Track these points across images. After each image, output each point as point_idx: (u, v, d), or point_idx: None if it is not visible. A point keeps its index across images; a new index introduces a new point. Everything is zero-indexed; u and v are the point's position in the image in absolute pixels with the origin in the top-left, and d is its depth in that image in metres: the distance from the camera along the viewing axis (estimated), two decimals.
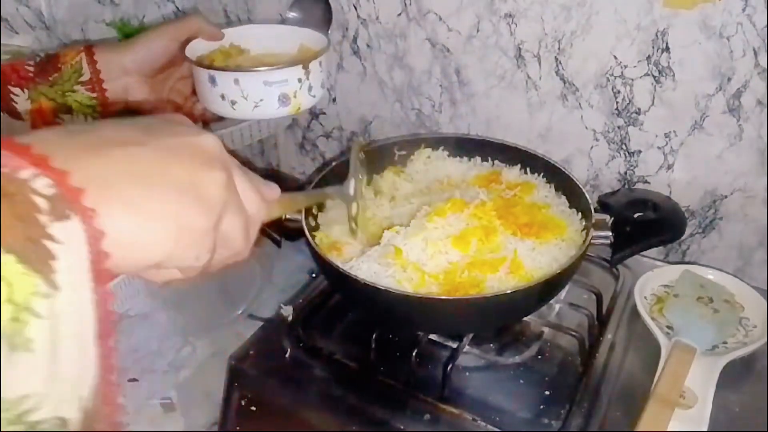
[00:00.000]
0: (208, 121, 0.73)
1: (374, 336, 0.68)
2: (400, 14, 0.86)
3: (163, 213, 0.30)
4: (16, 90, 0.58)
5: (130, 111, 0.66)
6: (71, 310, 0.25)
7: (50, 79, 0.59)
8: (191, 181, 0.31)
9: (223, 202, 0.33)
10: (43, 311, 0.24)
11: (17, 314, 0.23)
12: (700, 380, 0.63)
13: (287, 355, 0.70)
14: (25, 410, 0.24)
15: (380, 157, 0.83)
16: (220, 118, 0.72)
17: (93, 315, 0.26)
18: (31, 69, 0.59)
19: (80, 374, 0.26)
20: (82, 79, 0.60)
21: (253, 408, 0.67)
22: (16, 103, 0.58)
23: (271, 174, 1.12)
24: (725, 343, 0.69)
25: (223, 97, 0.62)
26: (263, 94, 0.62)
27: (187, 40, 0.66)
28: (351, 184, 0.64)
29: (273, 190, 0.41)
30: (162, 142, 0.31)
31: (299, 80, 0.63)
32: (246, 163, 0.39)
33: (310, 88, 0.65)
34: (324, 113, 1.03)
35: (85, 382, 0.27)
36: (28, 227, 0.24)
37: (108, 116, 0.62)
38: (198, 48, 0.66)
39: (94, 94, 0.61)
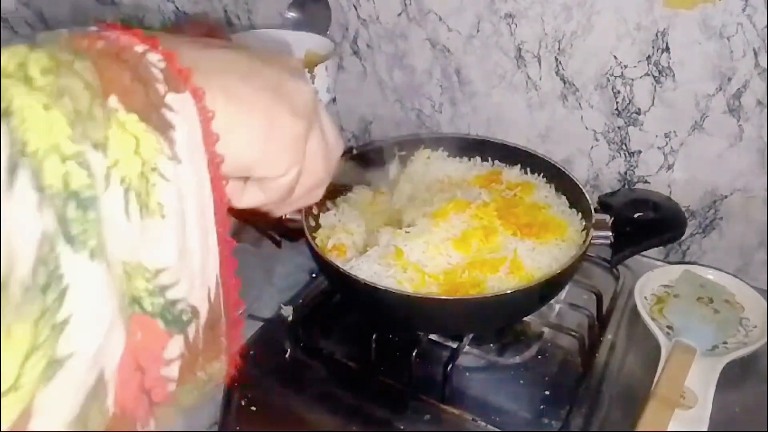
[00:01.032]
0: None
1: (374, 336, 0.68)
2: (400, 14, 0.86)
3: (257, 105, 0.29)
4: None
5: None
6: (193, 184, 0.25)
7: None
8: (284, 86, 0.31)
9: (311, 114, 0.32)
10: (170, 175, 0.23)
11: (146, 172, 0.23)
12: (700, 380, 0.63)
13: (287, 355, 0.70)
14: (164, 285, 0.24)
15: (380, 157, 0.83)
16: None
17: (210, 197, 0.26)
18: None
19: (205, 260, 0.26)
20: None
21: (253, 408, 0.67)
22: None
23: None
24: (725, 343, 0.69)
25: None
26: None
27: None
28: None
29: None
30: (259, 57, 0.32)
31: None
32: None
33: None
34: None
35: (210, 272, 0.27)
36: (149, 92, 0.24)
37: None
38: None
39: None
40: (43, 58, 0.22)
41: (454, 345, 0.68)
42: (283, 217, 0.71)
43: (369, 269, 0.64)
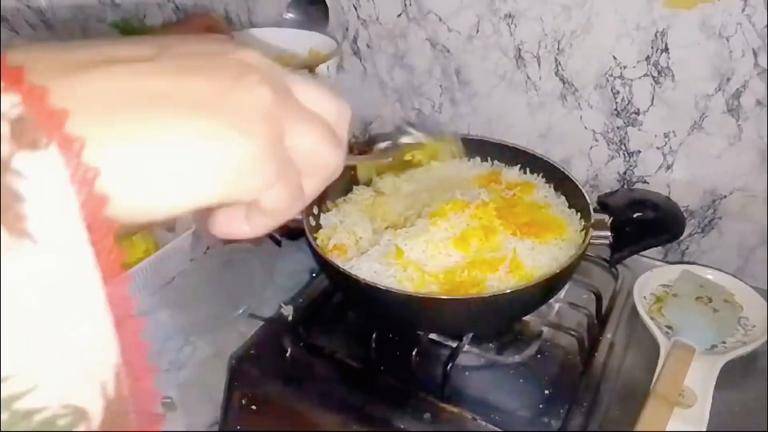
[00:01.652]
0: None
1: (374, 335, 0.68)
2: (400, 15, 0.86)
3: (190, 138, 0.22)
4: None
5: None
6: (60, 267, 0.20)
7: None
8: (221, 97, 0.24)
9: (273, 118, 0.25)
10: (7, 269, 0.18)
11: None
12: (700, 380, 0.63)
13: (288, 355, 0.70)
14: (8, 395, 0.19)
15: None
16: None
17: (96, 275, 0.21)
18: None
19: (92, 352, 0.21)
20: None
21: (254, 407, 0.67)
22: None
23: None
24: (724, 342, 0.69)
25: None
26: None
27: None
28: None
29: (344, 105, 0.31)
30: (179, 54, 0.24)
31: None
32: None
33: None
34: None
35: (101, 362, 0.22)
36: None
37: None
38: None
39: None
40: None
41: (454, 344, 0.68)
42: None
43: (369, 269, 0.64)
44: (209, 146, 0.23)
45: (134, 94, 0.22)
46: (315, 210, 0.75)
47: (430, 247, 0.65)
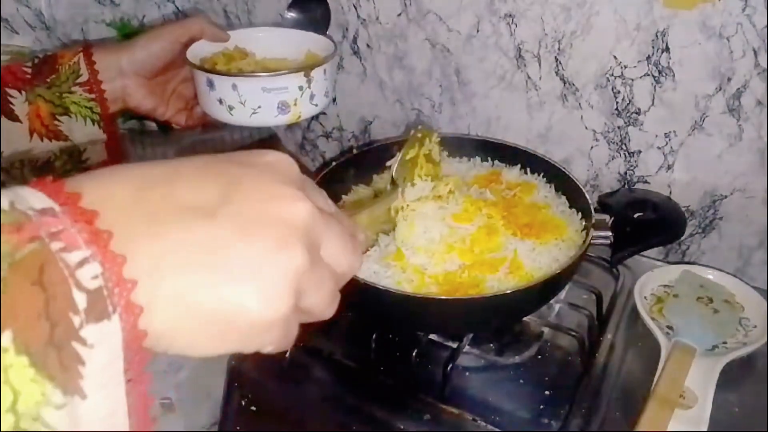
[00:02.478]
0: (207, 125, 0.72)
1: (374, 336, 0.68)
2: (400, 14, 0.86)
3: (212, 307, 0.24)
4: (14, 92, 0.57)
5: (129, 111, 0.66)
6: (100, 416, 0.21)
7: (48, 80, 0.58)
8: (257, 264, 0.25)
9: (296, 284, 0.27)
10: (58, 423, 0.20)
11: (24, 424, 0.19)
12: (700, 380, 0.63)
13: (287, 355, 0.70)
14: None
15: (380, 157, 0.83)
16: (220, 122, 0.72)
17: (125, 420, 0.23)
18: (29, 71, 0.59)
19: None
20: (80, 80, 0.59)
21: (253, 408, 0.67)
22: (14, 105, 0.57)
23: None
24: (725, 343, 0.69)
25: (220, 101, 0.62)
26: (261, 101, 0.61)
27: (191, 41, 0.65)
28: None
29: (361, 234, 0.35)
30: (238, 209, 0.26)
31: (300, 88, 0.61)
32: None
33: (311, 97, 0.63)
34: (324, 113, 1.03)
35: None
36: (56, 329, 0.20)
37: (108, 117, 0.61)
38: (201, 50, 0.66)
39: (93, 95, 0.60)
40: None
41: (454, 345, 0.68)
42: None
43: (368, 269, 0.64)
44: (235, 310, 0.25)
45: (185, 261, 0.24)
46: None
47: (431, 249, 0.65)
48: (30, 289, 0.20)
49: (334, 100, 1.00)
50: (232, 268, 0.25)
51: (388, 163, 0.67)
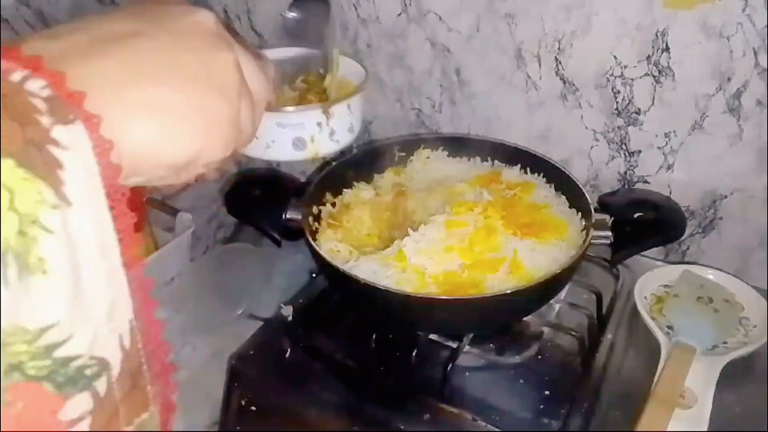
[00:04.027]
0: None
1: (374, 336, 0.68)
2: (400, 14, 0.86)
3: (186, 108, 0.27)
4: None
5: None
6: (88, 228, 0.22)
7: None
8: (205, 67, 0.29)
9: (239, 83, 0.30)
10: (54, 225, 0.21)
11: (24, 227, 0.20)
12: (700, 380, 0.63)
13: (287, 355, 0.70)
14: (51, 343, 0.21)
15: (380, 157, 0.83)
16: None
17: (114, 236, 0.23)
18: None
19: (113, 307, 0.23)
20: None
21: (253, 408, 0.67)
22: None
23: (272, 174, 1.12)
24: (725, 343, 0.69)
25: None
26: (275, 136, 0.56)
27: None
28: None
29: (268, 64, 0.37)
30: (162, 27, 0.28)
31: (318, 124, 0.56)
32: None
33: (332, 133, 0.57)
34: None
35: (120, 317, 0.24)
36: (27, 129, 0.21)
37: None
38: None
39: None
40: None
41: (454, 345, 0.68)
42: (283, 217, 0.71)
43: (368, 269, 0.64)
44: (198, 108, 0.28)
45: (137, 71, 0.26)
46: (315, 210, 0.75)
47: (432, 250, 0.65)
48: None
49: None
50: (184, 72, 0.28)
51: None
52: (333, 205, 0.77)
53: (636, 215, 0.72)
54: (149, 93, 0.26)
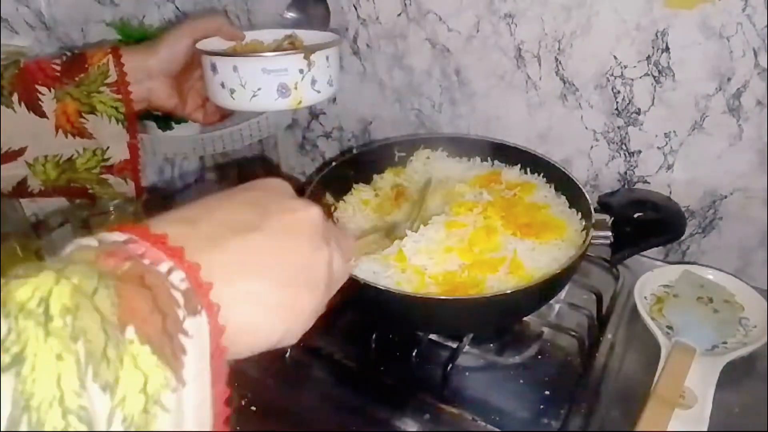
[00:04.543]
0: (222, 119, 0.72)
1: (374, 336, 0.68)
2: (400, 14, 0.86)
3: (279, 302, 0.31)
4: (43, 89, 0.58)
5: (149, 110, 0.66)
6: (193, 405, 0.25)
7: (76, 79, 0.59)
8: (304, 265, 0.33)
9: (328, 279, 0.35)
10: (171, 405, 0.24)
11: (148, 406, 0.23)
12: (700, 380, 0.63)
13: (287, 355, 0.70)
14: None
15: (380, 157, 0.83)
16: (229, 116, 0.71)
17: (210, 411, 0.27)
18: (58, 68, 0.59)
19: None
20: (108, 80, 0.60)
21: (253, 408, 0.67)
22: (42, 102, 0.58)
23: (272, 174, 1.12)
24: (725, 343, 0.69)
25: (222, 85, 0.61)
26: (261, 83, 0.60)
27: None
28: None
29: (349, 241, 0.43)
30: (274, 224, 0.32)
31: (300, 71, 0.60)
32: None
33: (313, 82, 0.62)
34: (324, 113, 1.04)
35: None
36: (167, 320, 0.24)
37: (132, 117, 0.62)
38: (214, 46, 0.65)
39: (119, 96, 0.60)
40: (65, 295, 0.22)
41: (454, 345, 0.68)
42: None
43: (368, 269, 0.64)
44: (292, 303, 0.32)
45: (249, 265, 0.30)
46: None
47: (435, 255, 0.65)
48: (139, 290, 0.24)
49: (334, 99, 1.00)
50: (285, 269, 0.32)
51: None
52: (334, 204, 0.78)
53: (636, 215, 0.71)
54: (256, 286, 0.30)
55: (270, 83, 0.60)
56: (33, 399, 0.20)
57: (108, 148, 0.62)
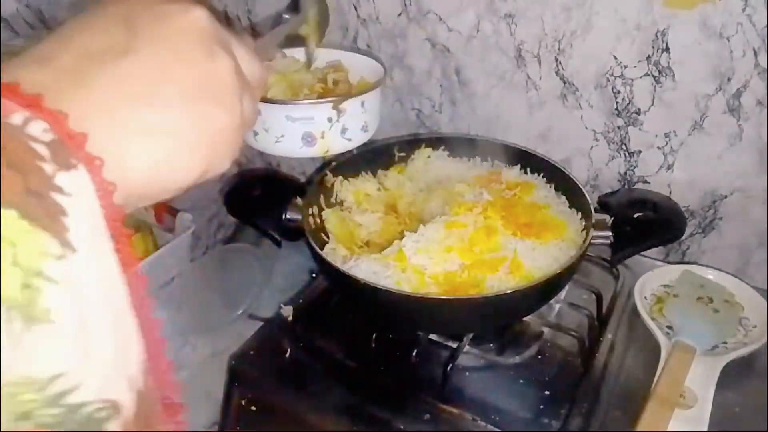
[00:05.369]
0: None
1: (374, 336, 0.68)
2: (400, 14, 0.86)
3: (187, 128, 0.26)
4: None
5: None
6: (94, 274, 0.22)
7: None
8: (202, 80, 0.27)
9: (239, 88, 0.29)
10: (58, 275, 0.20)
11: (28, 280, 0.20)
12: (700, 380, 0.63)
13: (287, 355, 0.70)
14: (61, 391, 0.21)
15: (380, 157, 0.83)
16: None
17: (120, 279, 0.23)
18: None
19: (122, 350, 0.23)
20: None
21: (253, 408, 0.67)
22: None
23: (272, 174, 1.12)
24: (725, 343, 0.69)
25: None
26: (285, 130, 0.56)
27: None
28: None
29: (248, 41, 0.36)
30: (151, 37, 0.27)
31: (329, 119, 0.56)
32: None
33: (343, 131, 0.57)
34: None
35: (130, 358, 0.23)
36: (29, 177, 0.20)
37: None
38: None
39: None
40: None
41: (454, 345, 0.68)
42: (284, 216, 0.71)
43: (368, 269, 0.64)
44: (201, 125, 0.27)
45: (129, 95, 0.25)
46: (315, 209, 0.75)
47: (432, 250, 0.65)
48: None
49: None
50: (182, 87, 0.26)
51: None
52: (333, 203, 0.78)
53: (636, 215, 0.71)
54: (145, 116, 0.25)
55: (294, 131, 0.56)
56: None
57: None
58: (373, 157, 0.83)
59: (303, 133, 0.56)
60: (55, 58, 0.25)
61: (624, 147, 0.81)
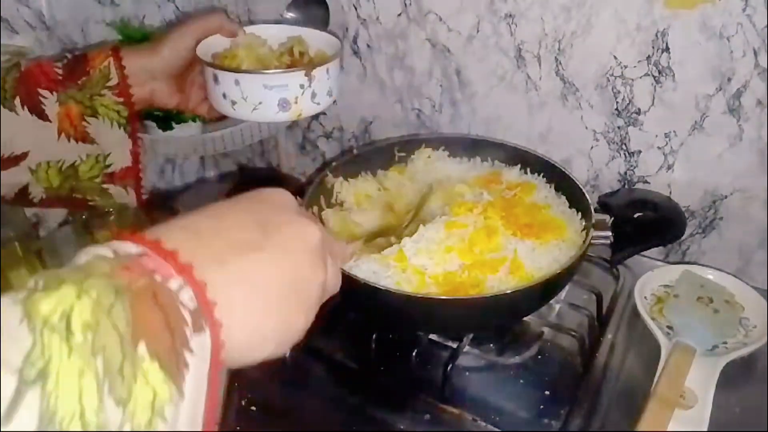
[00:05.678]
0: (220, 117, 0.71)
1: (374, 336, 0.68)
2: (400, 15, 0.86)
3: (275, 323, 0.33)
4: (45, 92, 0.57)
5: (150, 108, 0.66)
6: (188, 416, 0.26)
7: (79, 82, 0.58)
8: (300, 286, 0.34)
9: (319, 299, 0.36)
10: (170, 415, 0.25)
11: (153, 418, 0.24)
12: (700, 380, 0.63)
13: (287, 356, 0.70)
14: None
15: (380, 157, 0.83)
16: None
17: (201, 420, 0.27)
18: (60, 71, 0.58)
19: None
20: (110, 83, 0.59)
21: (253, 408, 0.67)
22: (45, 105, 0.57)
23: (271, 174, 1.12)
24: (725, 343, 0.69)
25: (224, 95, 0.62)
26: (262, 97, 0.61)
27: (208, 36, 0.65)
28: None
29: (345, 251, 0.45)
30: (275, 242, 0.34)
31: (301, 86, 0.61)
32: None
33: (313, 95, 0.63)
34: (324, 113, 1.03)
35: None
36: (174, 338, 0.26)
37: (133, 119, 0.61)
38: (214, 44, 0.65)
39: (121, 99, 0.60)
40: (86, 311, 0.23)
41: (454, 345, 0.68)
42: None
43: (368, 269, 0.64)
44: (287, 327, 0.34)
45: (251, 283, 0.32)
46: (315, 210, 0.75)
47: (435, 256, 0.65)
48: (152, 308, 0.25)
49: (334, 100, 1.00)
50: (284, 289, 0.33)
51: None
52: (333, 203, 0.78)
53: (636, 215, 0.72)
54: (255, 306, 0.32)
55: (271, 98, 0.61)
56: (57, 414, 0.21)
57: (110, 154, 0.61)
58: (373, 158, 0.83)
59: (279, 99, 0.62)
60: (204, 236, 0.32)
61: (624, 147, 0.81)
